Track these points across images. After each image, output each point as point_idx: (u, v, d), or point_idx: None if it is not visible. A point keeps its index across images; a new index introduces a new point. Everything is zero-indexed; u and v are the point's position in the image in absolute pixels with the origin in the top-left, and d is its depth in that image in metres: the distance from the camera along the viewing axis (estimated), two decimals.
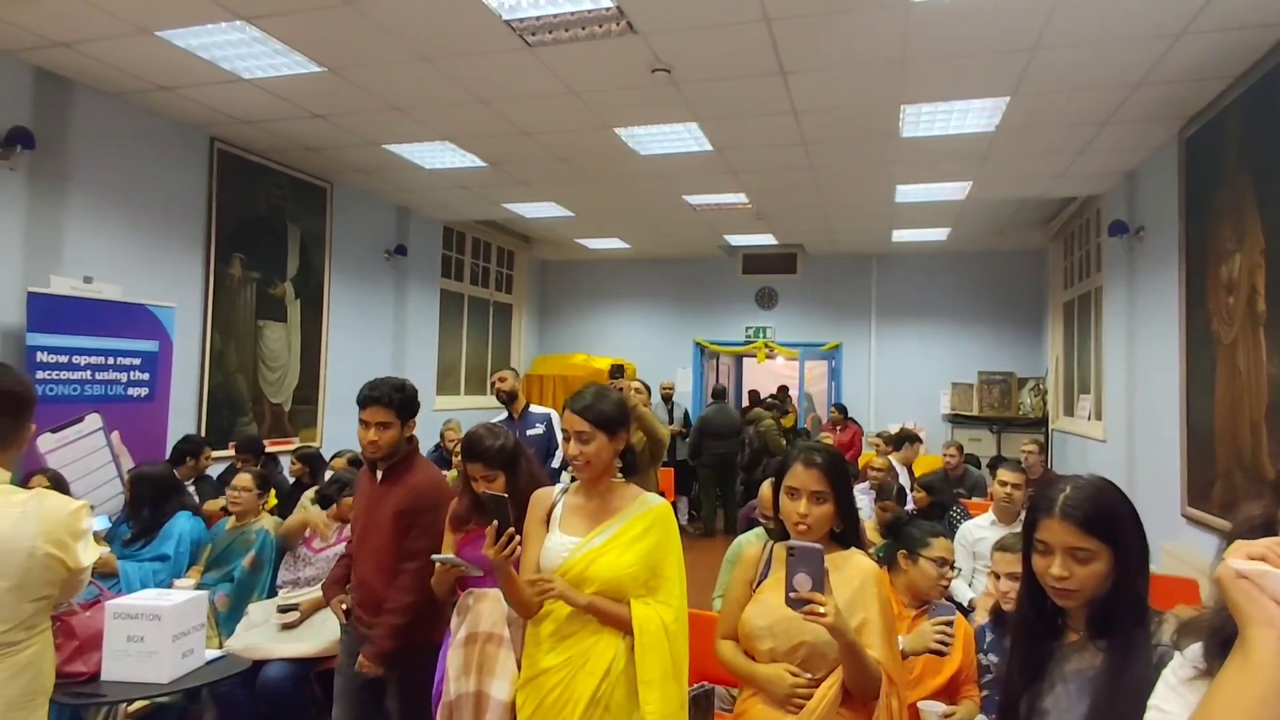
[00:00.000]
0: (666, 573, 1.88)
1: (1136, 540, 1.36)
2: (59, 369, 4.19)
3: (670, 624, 1.84)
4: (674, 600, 1.88)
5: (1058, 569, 1.34)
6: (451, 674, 2.23)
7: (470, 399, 8.92)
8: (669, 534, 1.93)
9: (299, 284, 6.27)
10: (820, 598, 1.57)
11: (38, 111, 4.26)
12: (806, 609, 1.57)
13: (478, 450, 2.37)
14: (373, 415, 2.46)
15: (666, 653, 1.81)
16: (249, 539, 3.45)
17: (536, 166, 5.98)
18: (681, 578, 1.92)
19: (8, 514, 1.53)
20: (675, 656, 1.84)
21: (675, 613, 1.87)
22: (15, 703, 1.55)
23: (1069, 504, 1.36)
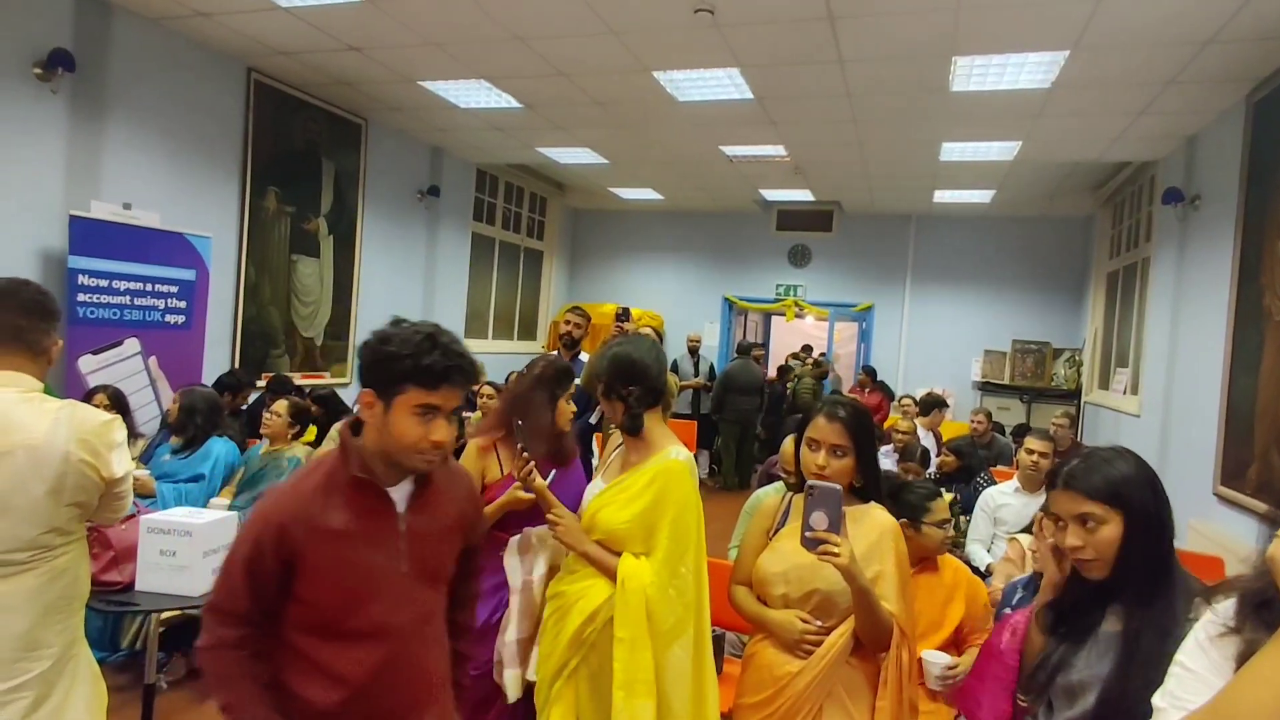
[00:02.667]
0: (658, 535, 1.84)
1: (1153, 505, 1.34)
2: (99, 292, 4.28)
3: (648, 585, 1.80)
4: (656, 562, 1.83)
5: (1071, 538, 1.34)
6: (523, 617, 2.16)
7: (498, 343, 8.98)
8: (668, 493, 1.85)
9: (332, 220, 6.30)
10: (835, 538, 1.59)
11: (78, 34, 4.27)
12: (821, 549, 1.60)
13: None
14: (450, 398, 1.39)
15: (642, 613, 1.79)
16: (281, 465, 3.54)
17: (572, 110, 5.88)
18: (677, 540, 1.84)
19: (42, 421, 1.58)
20: (655, 620, 1.80)
21: (654, 575, 1.82)
22: (53, 605, 1.62)
23: (1072, 473, 1.37)
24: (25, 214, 4.11)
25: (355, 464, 1.38)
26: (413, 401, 1.35)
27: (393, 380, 1.35)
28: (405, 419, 1.35)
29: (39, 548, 1.57)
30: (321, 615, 1.37)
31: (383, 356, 1.36)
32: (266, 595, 1.35)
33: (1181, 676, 0.92)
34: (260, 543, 1.34)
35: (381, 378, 1.37)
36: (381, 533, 1.41)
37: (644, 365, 1.97)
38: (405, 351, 1.34)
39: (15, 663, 1.55)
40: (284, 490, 1.41)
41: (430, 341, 1.36)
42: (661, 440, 1.97)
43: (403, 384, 1.34)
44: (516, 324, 9.48)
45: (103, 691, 1.76)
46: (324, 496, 1.37)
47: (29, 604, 1.57)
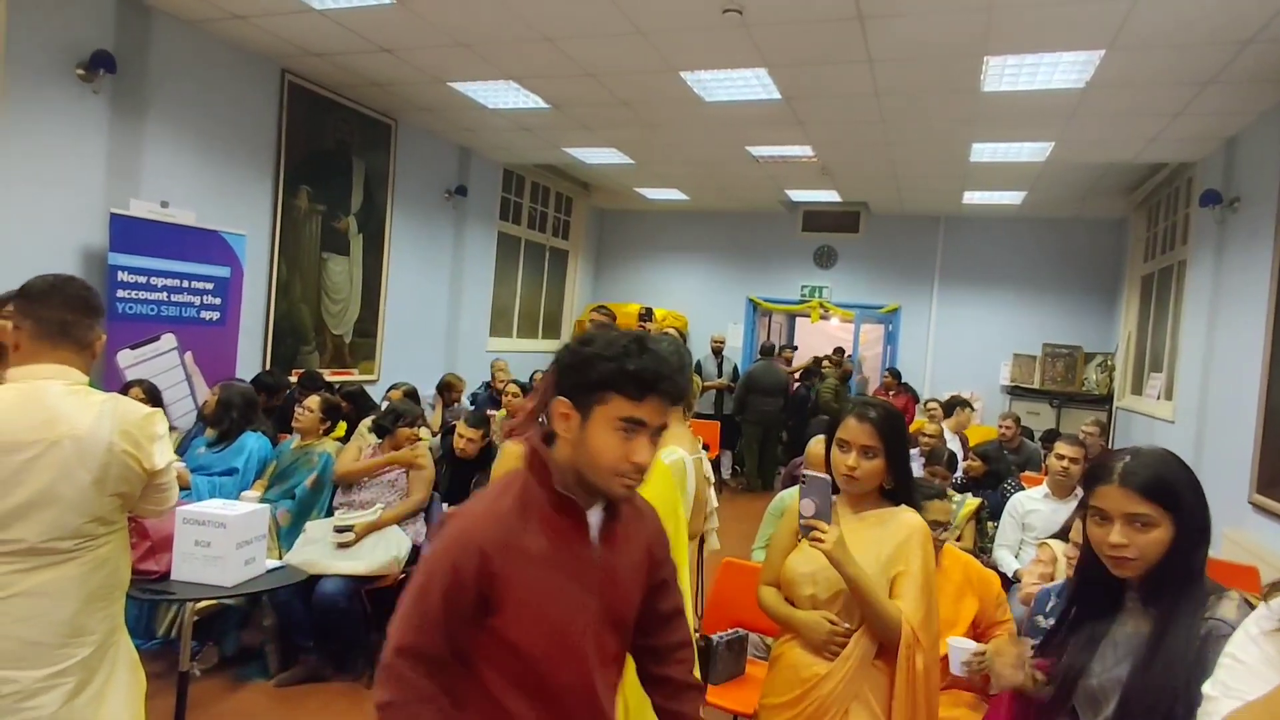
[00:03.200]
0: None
1: (1198, 512, 1.33)
2: (138, 289, 4.39)
3: None
4: None
5: (1116, 536, 1.32)
6: None
7: (522, 341, 9.05)
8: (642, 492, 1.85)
9: (362, 219, 6.39)
10: (822, 524, 1.66)
11: (119, 36, 4.37)
12: (810, 535, 1.67)
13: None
14: (657, 413, 1.22)
15: None
16: (312, 460, 3.60)
17: (599, 110, 5.90)
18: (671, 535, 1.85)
19: (88, 412, 1.62)
20: None
21: None
22: (96, 593, 1.66)
23: (1128, 470, 1.33)
24: (68, 211, 4.22)
25: (557, 479, 1.22)
26: (615, 413, 1.18)
27: (593, 387, 1.19)
28: (605, 433, 1.18)
29: (83, 536, 1.62)
30: (519, 654, 1.19)
31: (583, 359, 1.21)
32: (463, 633, 1.18)
33: (1233, 667, 0.94)
34: (459, 569, 1.16)
35: (580, 384, 1.20)
36: (579, 561, 1.23)
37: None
38: (609, 354, 1.18)
39: (59, 648, 1.60)
40: (477, 511, 1.23)
41: (638, 345, 1.19)
42: (666, 441, 1.98)
43: (604, 392, 1.18)
44: (541, 323, 9.53)
45: (141, 679, 1.81)
46: (522, 517, 1.20)
47: (73, 591, 1.62)
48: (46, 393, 1.61)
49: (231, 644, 3.47)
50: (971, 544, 3.77)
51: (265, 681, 3.29)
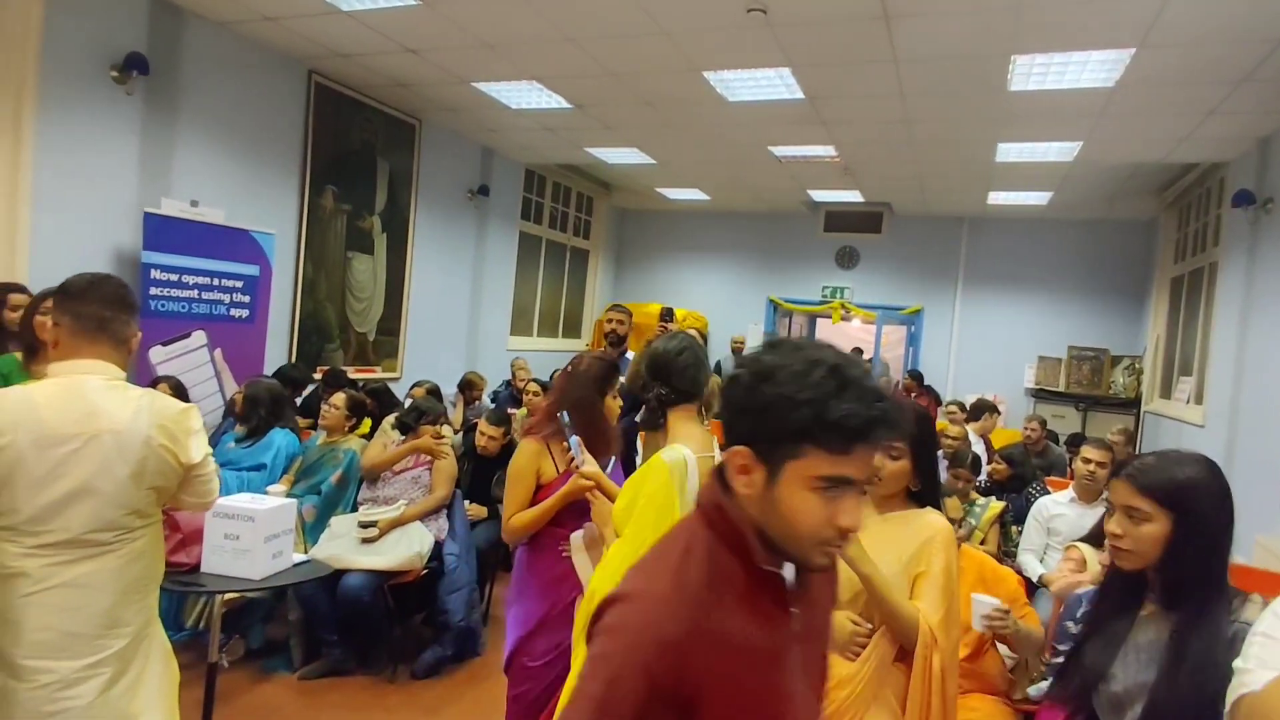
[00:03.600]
0: (630, 527, 1.85)
1: (1212, 515, 1.35)
2: (170, 286, 4.47)
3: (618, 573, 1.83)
4: (614, 553, 1.87)
5: (1113, 525, 1.41)
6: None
7: (543, 340, 9.09)
8: (641, 488, 1.86)
9: (386, 218, 6.45)
10: None
11: (152, 38, 4.46)
12: None
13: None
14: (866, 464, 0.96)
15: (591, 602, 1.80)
16: (337, 457, 3.65)
17: (621, 110, 5.91)
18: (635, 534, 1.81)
19: (126, 407, 1.66)
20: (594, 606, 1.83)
21: (609, 564, 1.85)
22: (132, 586, 1.70)
23: (1136, 466, 1.43)
24: (102, 210, 4.31)
25: (756, 550, 0.95)
26: (813, 471, 0.90)
27: (782, 437, 0.91)
28: (801, 495, 0.92)
29: (121, 529, 1.66)
30: None
31: (766, 403, 0.92)
32: None
33: (1265, 643, 0.97)
34: (654, 675, 0.86)
35: (765, 432, 0.93)
36: (782, 640, 0.99)
37: (670, 362, 2.01)
38: (801, 397, 0.90)
39: (97, 639, 1.64)
40: (658, 592, 0.92)
41: (837, 382, 0.90)
42: (674, 439, 1.98)
43: (798, 444, 0.90)
44: (561, 322, 9.57)
45: (175, 670, 1.85)
46: (713, 592, 0.93)
47: (111, 584, 1.66)
48: (86, 387, 1.65)
49: (257, 637, 3.53)
50: (995, 548, 3.73)
51: (289, 674, 3.34)
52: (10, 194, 3.97)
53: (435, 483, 3.59)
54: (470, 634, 3.54)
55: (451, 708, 3.19)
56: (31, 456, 1.57)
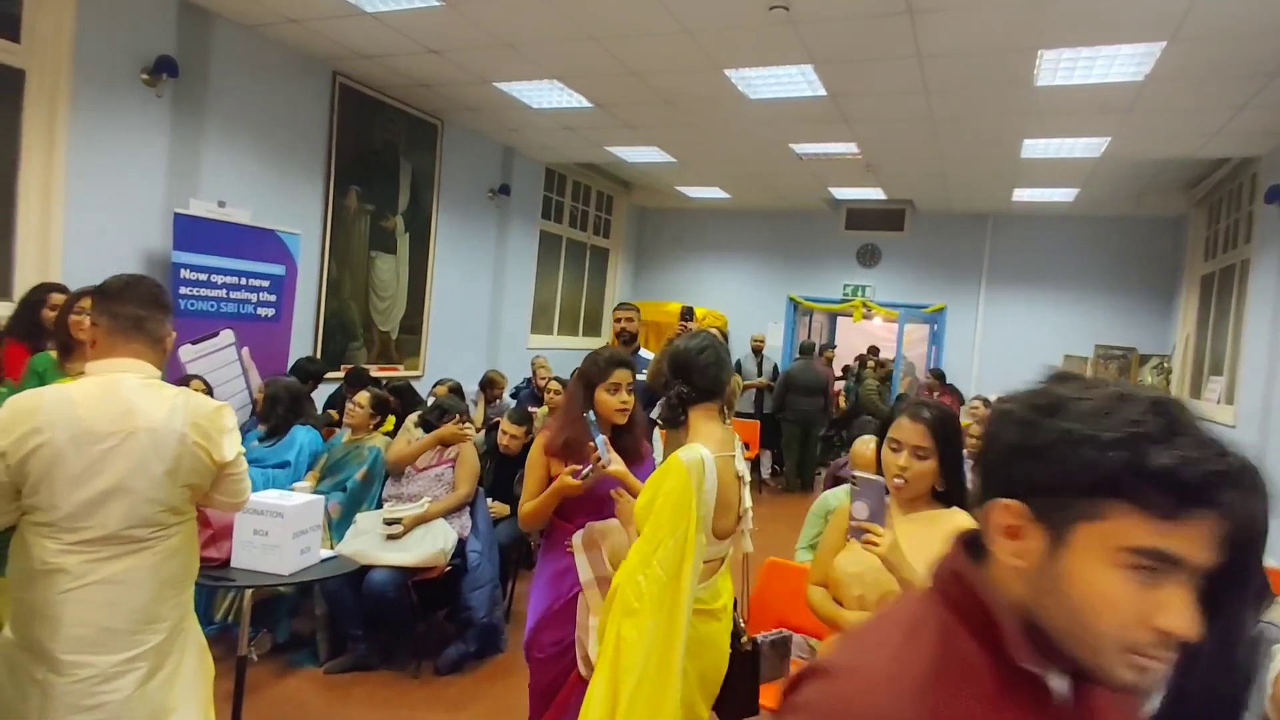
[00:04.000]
0: (645, 526, 1.89)
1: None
2: (199, 286, 4.54)
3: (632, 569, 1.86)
4: (634, 549, 1.88)
5: None
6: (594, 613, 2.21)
7: (563, 339, 9.12)
8: (659, 486, 1.88)
9: (408, 218, 6.51)
10: (876, 528, 1.64)
11: (181, 41, 4.53)
12: (865, 538, 1.65)
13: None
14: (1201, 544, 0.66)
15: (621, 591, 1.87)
16: (362, 454, 3.69)
17: (642, 109, 5.91)
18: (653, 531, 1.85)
19: (161, 405, 1.69)
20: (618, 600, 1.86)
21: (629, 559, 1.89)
22: (168, 582, 1.73)
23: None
24: (133, 211, 4.39)
25: (1015, 641, 0.70)
26: (1123, 539, 0.65)
27: (1077, 489, 0.67)
28: (1101, 573, 0.66)
29: (157, 525, 1.69)
30: None
31: (1054, 440, 0.68)
32: None
33: None
34: None
35: (1050, 481, 0.68)
36: None
37: (691, 360, 2.02)
38: (1112, 435, 0.65)
39: (134, 634, 1.67)
40: (871, 669, 0.72)
41: (1164, 418, 0.66)
42: (694, 437, 1.99)
43: (1102, 500, 0.66)
44: (581, 320, 9.59)
45: (210, 664, 1.88)
46: (943, 684, 0.70)
47: (147, 580, 1.68)
48: (123, 386, 1.68)
49: (284, 631, 3.57)
50: None
51: (315, 668, 3.38)
52: (44, 195, 4.05)
53: (458, 480, 3.61)
54: (493, 630, 3.56)
55: (475, 704, 3.21)
56: (70, 453, 1.60)
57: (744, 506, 2.27)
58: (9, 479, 1.59)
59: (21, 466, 1.59)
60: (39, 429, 1.59)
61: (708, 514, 1.96)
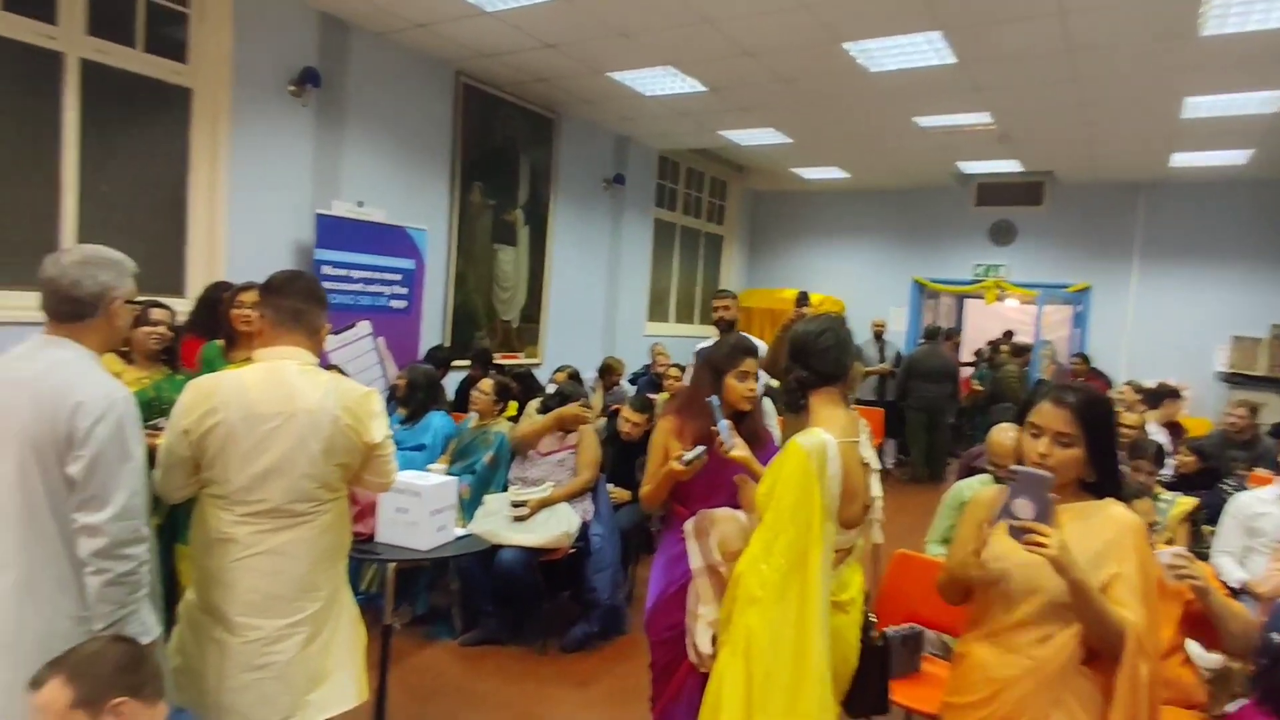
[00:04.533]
0: (766, 514, 1.88)
1: None
2: (339, 280, 4.88)
3: (754, 557, 1.87)
4: (756, 536, 1.88)
5: None
6: (703, 601, 2.22)
7: (679, 326, 9.14)
8: (778, 472, 1.86)
9: (528, 211, 6.71)
10: (1042, 527, 1.50)
11: (323, 53, 4.85)
12: (1026, 539, 1.51)
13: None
14: None
15: (736, 580, 1.89)
16: (488, 439, 3.85)
17: (757, 90, 5.80)
18: (774, 519, 1.85)
19: (317, 389, 1.83)
20: (741, 588, 1.86)
21: (750, 547, 1.90)
22: (324, 554, 1.88)
23: None
24: (282, 213, 4.76)
25: None
26: None
27: None
28: None
29: (313, 500, 1.83)
30: None
31: None
32: None
33: None
34: None
35: None
36: None
37: (810, 344, 1.97)
38: None
39: (294, 601, 1.82)
40: None
41: None
42: (815, 423, 1.93)
43: None
44: (697, 307, 9.57)
45: (363, 632, 2.02)
46: None
47: (306, 551, 1.83)
48: (285, 371, 1.82)
49: (422, 604, 3.79)
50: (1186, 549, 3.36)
51: (451, 640, 3.57)
52: (210, 202, 4.48)
53: (580, 465, 3.70)
54: (616, 612, 3.63)
55: (599, 682, 3.29)
56: (241, 432, 1.76)
57: (872, 495, 2.19)
58: (190, 454, 1.77)
59: (201, 442, 1.76)
60: (215, 409, 1.76)
61: (832, 502, 1.90)
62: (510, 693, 3.15)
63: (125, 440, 1.60)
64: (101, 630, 1.57)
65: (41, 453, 1.56)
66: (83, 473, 1.55)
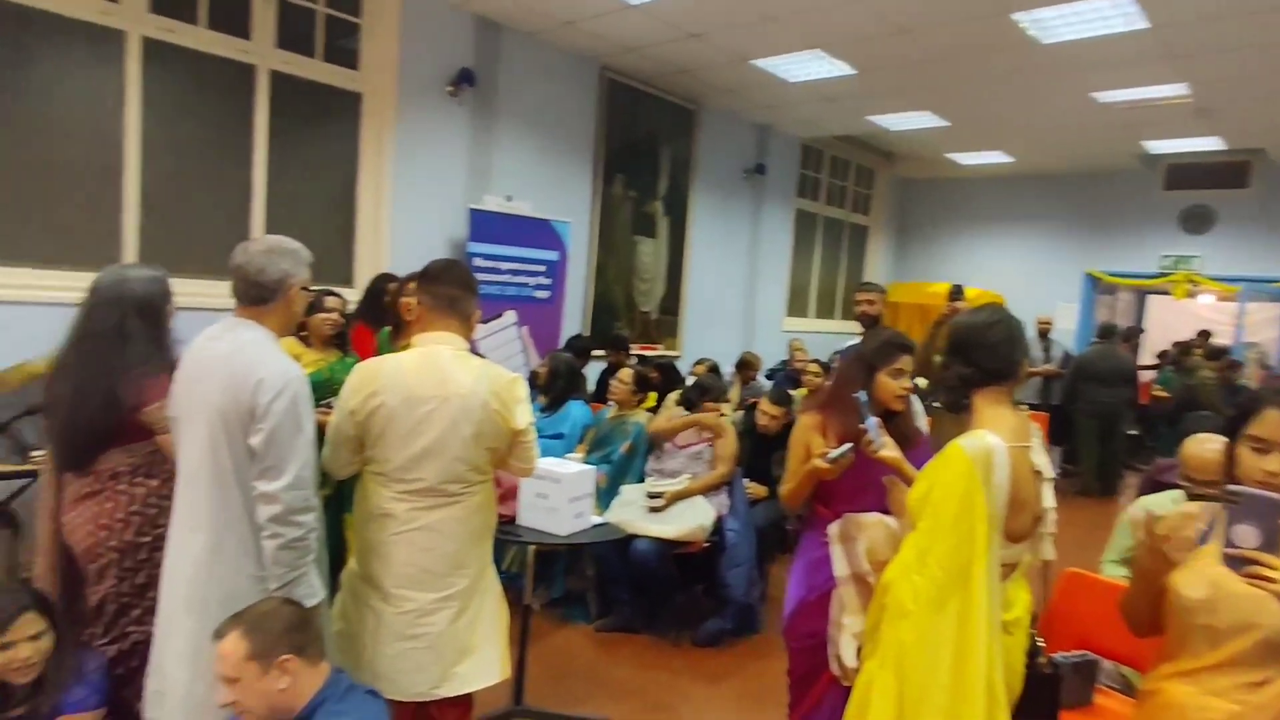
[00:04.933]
0: (921, 521, 1.70)
1: None
2: (489, 272, 5.10)
3: (906, 567, 1.70)
4: (908, 543, 1.72)
5: None
6: (848, 611, 2.10)
7: (819, 322, 8.85)
8: (936, 477, 1.69)
9: (667, 203, 6.72)
10: (1270, 559, 1.30)
11: (478, 54, 5.08)
12: (1248, 571, 1.32)
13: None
14: None
15: (884, 588, 1.74)
16: (626, 429, 3.88)
17: (910, 71, 5.47)
18: (930, 527, 1.67)
19: (469, 374, 1.89)
20: (890, 597, 1.71)
21: (902, 555, 1.72)
22: (473, 533, 1.96)
23: None
24: (440, 208, 5.04)
25: None
26: None
27: None
28: None
29: (463, 482, 1.90)
30: None
31: None
32: None
33: None
34: None
35: None
36: None
37: (977, 337, 1.81)
38: None
39: (445, 577, 1.90)
40: None
41: None
42: (980, 424, 1.74)
43: None
44: (839, 302, 9.23)
45: (506, 611, 2.09)
46: None
47: (457, 530, 1.91)
48: (439, 356, 1.90)
49: (559, 587, 3.89)
50: None
51: (586, 624, 3.64)
52: (376, 198, 4.81)
53: (717, 459, 3.64)
54: (750, 610, 3.55)
55: (732, 679, 3.23)
56: (401, 414, 1.85)
57: (1044, 506, 1.98)
58: (355, 433, 1.89)
59: (365, 422, 1.87)
60: (378, 391, 1.86)
61: (998, 511, 1.73)
62: (642, 680, 3.16)
63: (299, 415, 1.73)
64: (275, 590, 1.70)
65: (229, 424, 1.72)
66: (262, 444, 1.69)
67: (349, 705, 1.60)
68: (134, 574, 1.94)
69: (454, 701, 1.99)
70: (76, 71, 3.73)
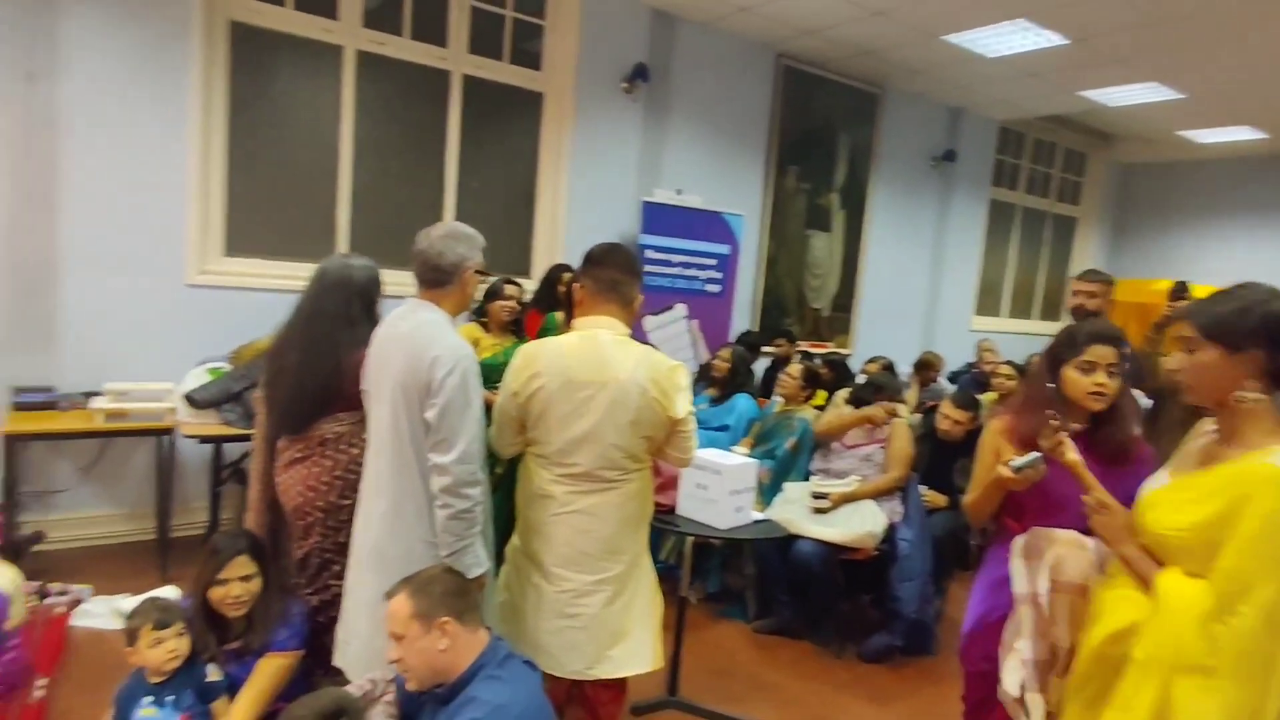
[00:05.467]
0: (1221, 554, 1.37)
1: None
2: (660, 265, 5.14)
3: (1189, 609, 1.38)
4: (1208, 586, 1.39)
5: None
6: (1022, 635, 1.86)
7: (1013, 322, 8.08)
8: (1246, 504, 1.35)
9: (844, 194, 6.41)
10: None
11: (653, 48, 5.13)
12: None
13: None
14: None
15: (1169, 638, 1.42)
16: (792, 425, 3.74)
17: (1137, 35, 4.79)
18: (1243, 567, 1.35)
19: (628, 360, 1.88)
20: (1179, 651, 1.40)
21: (1199, 600, 1.39)
22: (628, 520, 1.95)
23: None
24: (611, 201, 5.15)
25: None
26: None
27: None
28: None
29: (620, 469, 1.90)
30: None
31: None
32: None
33: None
34: None
35: None
36: None
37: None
38: None
39: (600, 560, 1.91)
40: None
41: None
42: (1266, 437, 1.41)
43: None
44: (1038, 302, 8.38)
45: (660, 599, 2.07)
46: None
47: (612, 515, 1.91)
48: (600, 341, 1.91)
49: (715, 582, 3.83)
50: None
51: (743, 622, 3.54)
52: (554, 192, 5.01)
53: (890, 462, 3.40)
54: (922, 628, 3.28)
55: (900, 702, 3.00)
56: (560, 397, 1.88)
57: None
58: (517, 414, 1.94)
59: (526, 404, 1.92)
60: (538, 374, 1.90)
61: None
62: (801, 690, 3.02)
63: (468, 391, 1.81)
64: (445, 557, 1.79)
65: (409, 397, 1.83)
66: (436, 417, 1.78)
67: (506, 672, 1.65)
68: (336, 532, 2.10)
69: (608, 684, 2.00)
70: (304, 84, 4.21)
